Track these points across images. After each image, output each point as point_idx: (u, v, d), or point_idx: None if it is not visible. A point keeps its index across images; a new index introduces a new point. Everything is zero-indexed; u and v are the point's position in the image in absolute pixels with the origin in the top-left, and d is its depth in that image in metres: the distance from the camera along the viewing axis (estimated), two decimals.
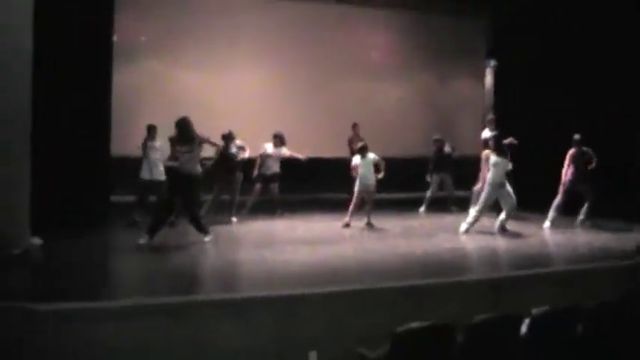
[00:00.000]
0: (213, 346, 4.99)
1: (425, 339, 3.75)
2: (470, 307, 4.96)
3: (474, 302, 5.27)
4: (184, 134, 7.96)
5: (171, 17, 12.29)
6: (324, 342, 5.16)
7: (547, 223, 9.78)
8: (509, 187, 9.22)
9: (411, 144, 13.59)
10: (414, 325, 3.73)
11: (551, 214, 9.85)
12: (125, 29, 11.47)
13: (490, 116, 11.99)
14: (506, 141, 10.51)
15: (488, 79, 14.06)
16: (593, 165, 9.88)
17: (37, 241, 7.01)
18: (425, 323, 3.77)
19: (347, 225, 9.53)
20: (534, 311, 4.21)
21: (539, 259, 7.51)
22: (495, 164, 9.18)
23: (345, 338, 4.94)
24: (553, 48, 11.95)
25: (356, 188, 9.64)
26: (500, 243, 8.64)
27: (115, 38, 10.75)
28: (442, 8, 14.08)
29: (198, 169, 8.09)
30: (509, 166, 9.37)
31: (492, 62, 13.68)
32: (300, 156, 10.74)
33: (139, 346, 4.79)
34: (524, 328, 4.15)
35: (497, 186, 9.16)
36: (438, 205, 11.48)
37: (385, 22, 14.23)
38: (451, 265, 7.09)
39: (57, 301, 4.95)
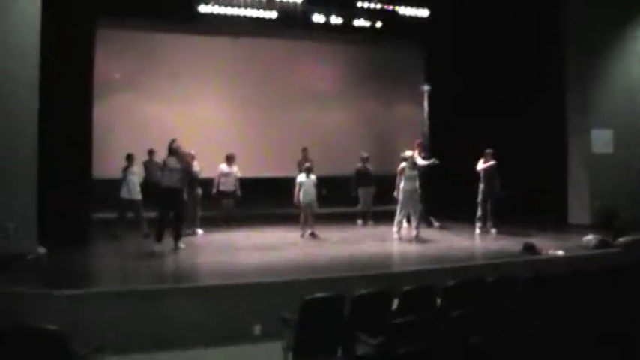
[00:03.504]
0: (179, 322, 6.88)
1: (325, 304, 5.65)
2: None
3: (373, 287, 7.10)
4: (178, 158, 9.81)
5: (143, 56, 14.24)
6: (266, 317, 7.01)
7: (477, 231, 12.01)
8: (417, 198, 11.31)
9: (356, 164, 15.50)
10: (318, 294, 5.63)
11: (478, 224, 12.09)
12: (103, 67, 13.18)
13: (418, 140, 13.88)
14: (429, 162, 12.52)
15: (426, 103, 15.34)
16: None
17: (42, 249, 8.67)
18: (325, 293, 5.67)
19: (302, 235, 11.39)
20: (404, 288, 6.11)
21: (438, 258, 9.49)
22: (408, 178, 11.20)
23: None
24: (479, 73, 13.93)
25: (300, 204, 11.37)
26: (413, 247, 10.61)
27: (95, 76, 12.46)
28: (382, 40, 15.48)
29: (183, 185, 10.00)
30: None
31: (426, 87, 14.83)
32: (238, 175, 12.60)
33: (121, 320, 6.68)
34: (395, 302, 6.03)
35: (409, 194, 11.18)
36: (376, 219, 13.29)
37: (331, 55, 16.15)
38: (366, 263, 9.02)
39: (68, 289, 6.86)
